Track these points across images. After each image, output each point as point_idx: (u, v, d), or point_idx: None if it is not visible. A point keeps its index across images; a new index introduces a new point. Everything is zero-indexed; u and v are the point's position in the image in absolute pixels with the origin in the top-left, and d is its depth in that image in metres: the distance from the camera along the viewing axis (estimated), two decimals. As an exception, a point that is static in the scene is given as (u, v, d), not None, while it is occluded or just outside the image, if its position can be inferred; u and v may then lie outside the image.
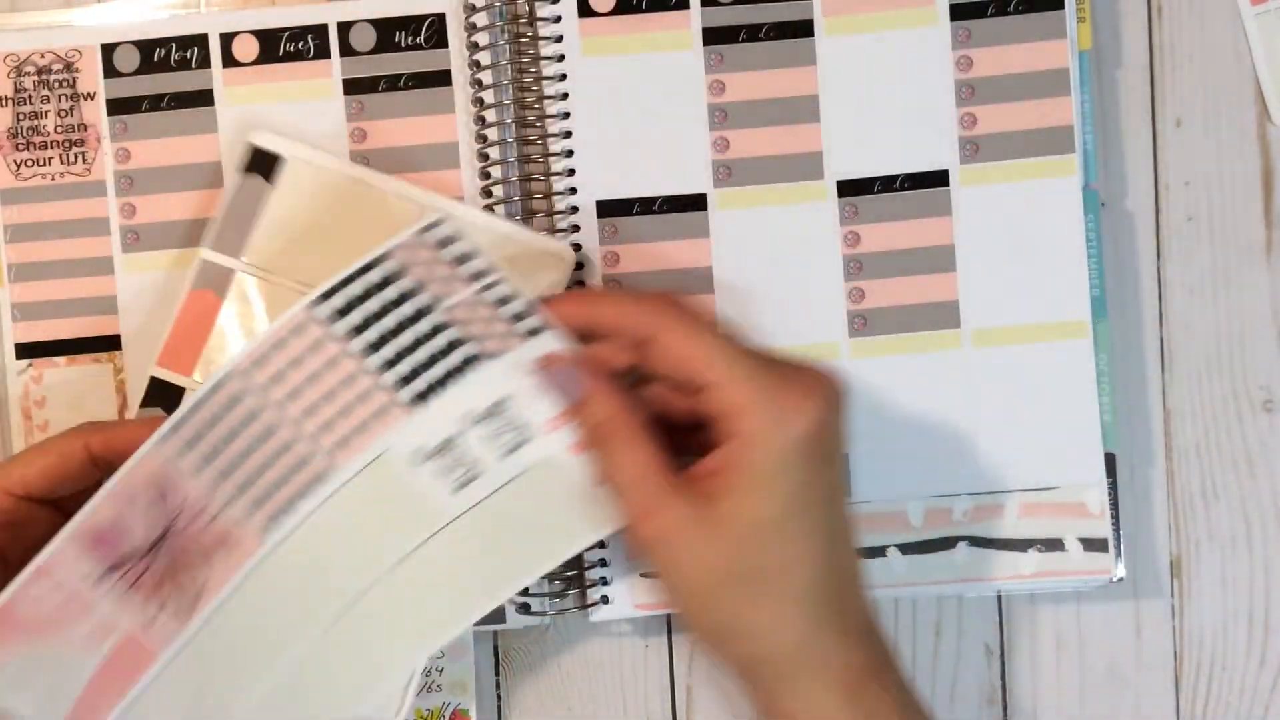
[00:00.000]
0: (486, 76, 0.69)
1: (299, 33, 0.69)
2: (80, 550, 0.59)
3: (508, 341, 0.60)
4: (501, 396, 0.60)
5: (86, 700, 0.59)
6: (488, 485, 0.60)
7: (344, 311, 0.59)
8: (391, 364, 0.59)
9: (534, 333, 0.60)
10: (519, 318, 0.60)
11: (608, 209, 0.69)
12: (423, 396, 0.59)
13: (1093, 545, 0.68)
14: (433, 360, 0.60)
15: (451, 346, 0.60)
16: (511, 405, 0.60)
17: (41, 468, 0.60)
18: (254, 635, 0.60)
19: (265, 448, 0.59)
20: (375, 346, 0.59)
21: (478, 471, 0.60)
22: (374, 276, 0.60)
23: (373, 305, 0.59)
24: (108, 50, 0.69)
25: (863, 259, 0.69)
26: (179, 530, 0.59)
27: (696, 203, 0.69)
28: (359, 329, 0.59)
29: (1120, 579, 0.69)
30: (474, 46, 0.69)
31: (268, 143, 0.68)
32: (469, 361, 0.60)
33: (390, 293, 0.60)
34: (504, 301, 0.60)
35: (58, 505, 0.61)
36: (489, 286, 0.60)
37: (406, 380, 0.59)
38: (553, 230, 0.69)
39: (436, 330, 0.60)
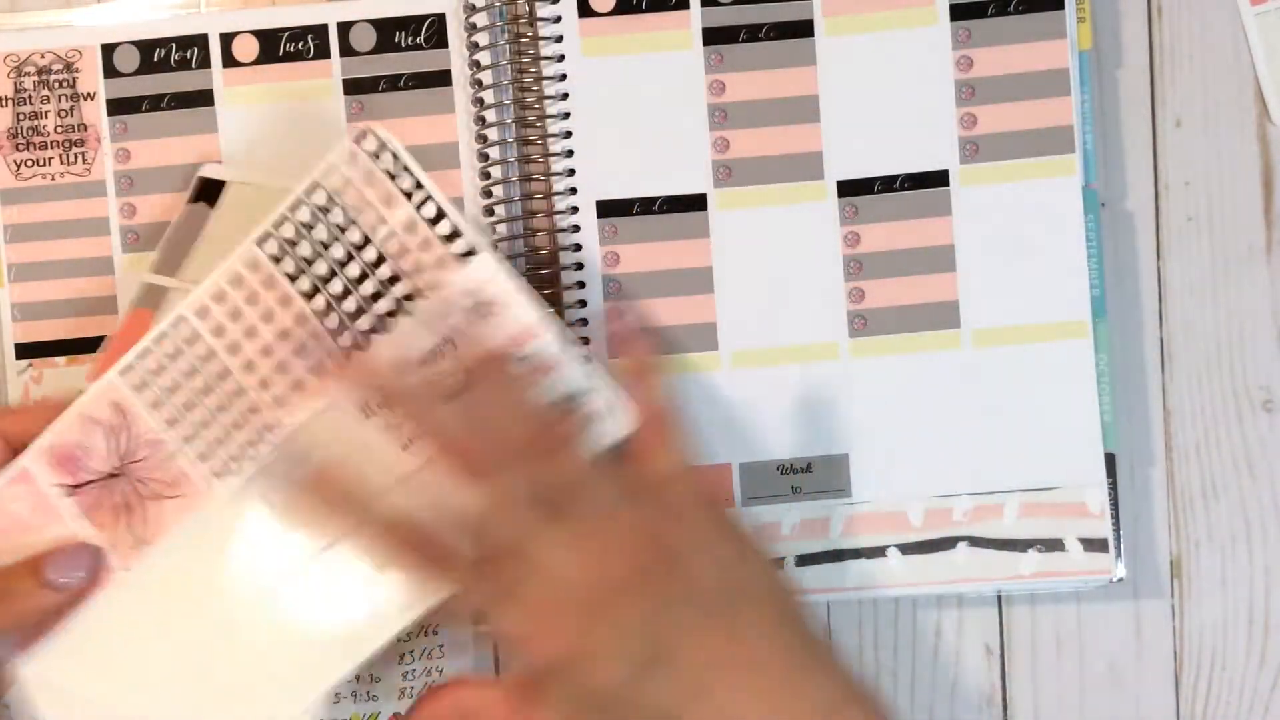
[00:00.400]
0: (486, 76, 0.69)
1: (299, 33, 0.69)
2: (48, 466, 0.61)
3: (441, 272, 0.60)
4: (438, 339, 0.60)
5: None
6: None
7: (278, 258, 0.60)
8: (327, 311, 0.60)
9: (468, 255, 0.60)
10: (451, 237, 0.60)
11: (608, 209, 0.69)
12: (359, 344, 0.60)
13: (1093, 545, 0.68)
14: (362, 307, 0.60)
15: (387, 284, 0.60)
16: (449, 347, 0.60)
17: None
18: (194, 596, 0.61)
19: (219, 390, 0.61)
20: (309, 296, 0.60)
21: None
22: (303, 215, 0.60)
23: (304, 250, 0.60)
24: (108, 50, 0.69)
25: (863, 259, 0.69)
26: (137, 465, 0.61)
27: (697, 203, 0.69)
28: (292, 277, 0.60)
29: (1120, 579, 0.69)
30: (474, 46, 0.69)
31: (215, 173, 0.68)
32: (405, 300, 0.60)
33: (320, 232, 0.60)
34: (437, 219, 0.60)
35: None
36: (423, 202, 0.60)
37: (344, 325, 0.60)
38: (554, 230, 0.69)
39: (370, 270, 0.60)
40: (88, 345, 0.69)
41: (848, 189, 0.69)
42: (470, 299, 0.59)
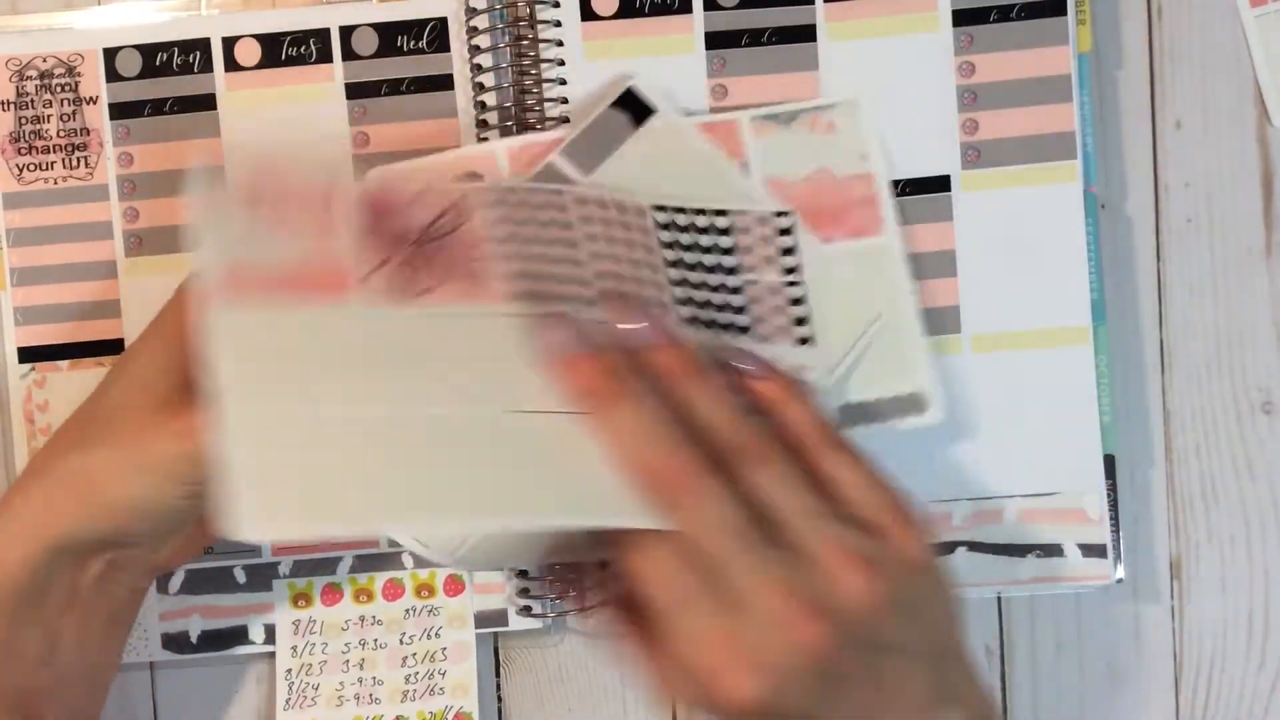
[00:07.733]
0: (488, 80, 0.69)
1: (301, 37, 0.69)
2: (366, 203, 0.60)
3: (780, 336, 0.64)
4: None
5: None
6: None
7: (665, 227, 0.63)
8: (678, 287, 0.63)
9: (804, 341, 0.64)
10: (800, 322, 0.64)
11: (609, 212, 0.69)
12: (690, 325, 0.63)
13: (1091, 551, 0.68)
14: (712, 316, 0.63)
15: (732, 311, 0.64)
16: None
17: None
18: (439, 371, 0.59)
19: (552, 250, 0.61)
20: (674, 273, 0.63)
21: None
22: (701, 221, 0.64)
23: (684, 239, 0.63)
24: (110, 54, 0.69)
25: (864, 264, 0.69)
26: (447, 243, 0.60)
27: (698, 206, 0.69)
28: (667, 245, 0.63)
29: (1120, 580, 0.69)
30: (475, 50, 0.69)
31: (645, 94, 0.67)
32: (741, 331, 0.63)
33: (705, 240, 0.64)
34: (796, 302, 0.64)
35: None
36: (793, 284, 0.64)
37: (688, 309, 0.63)
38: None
39: (728, 291, 0.64)
40: (90, 349, 0.69)
41: (849, 193, 0.69)
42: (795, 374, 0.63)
